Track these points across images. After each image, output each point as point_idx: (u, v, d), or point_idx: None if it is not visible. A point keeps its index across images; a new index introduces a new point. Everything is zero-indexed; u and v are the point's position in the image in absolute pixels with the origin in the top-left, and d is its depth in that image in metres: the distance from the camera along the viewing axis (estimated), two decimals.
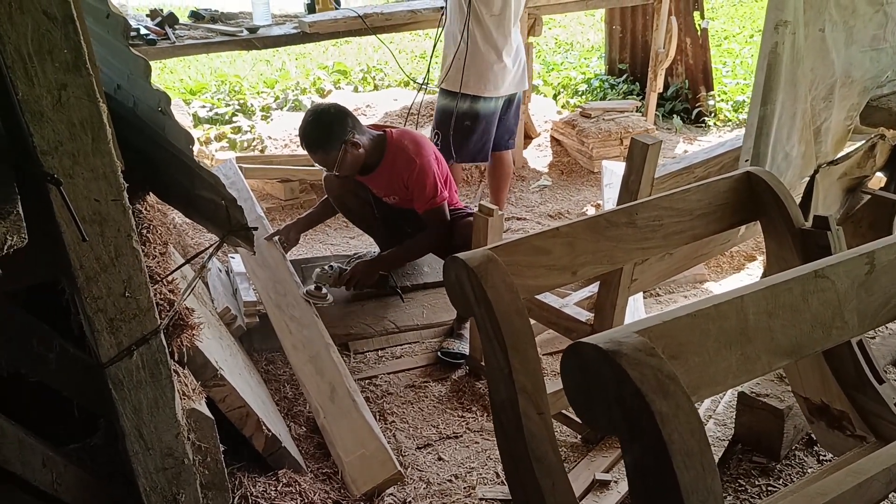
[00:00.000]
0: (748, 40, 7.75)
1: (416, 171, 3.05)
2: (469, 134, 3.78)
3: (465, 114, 3.74)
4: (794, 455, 2.49)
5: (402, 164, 3.07)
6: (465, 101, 3.72)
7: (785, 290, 1.32)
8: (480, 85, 3.69)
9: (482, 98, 3.73)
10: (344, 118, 2.99)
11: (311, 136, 2.97)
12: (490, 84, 3.71)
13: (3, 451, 1.62)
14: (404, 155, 3.07)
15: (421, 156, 3.06)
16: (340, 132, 2.95)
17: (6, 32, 1.31)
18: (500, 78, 3.72)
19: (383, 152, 3.10)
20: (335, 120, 2.97)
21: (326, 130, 2.95)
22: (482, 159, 3.93)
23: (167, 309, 1.84)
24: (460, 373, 3.03)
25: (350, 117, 3.02)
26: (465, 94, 3.70)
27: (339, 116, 3.00)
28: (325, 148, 2.96)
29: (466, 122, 3.75)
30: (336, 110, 3.02)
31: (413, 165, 3.05)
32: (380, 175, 3.14)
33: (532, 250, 1.70)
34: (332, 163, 3.00)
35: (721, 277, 3.72)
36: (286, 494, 2.28)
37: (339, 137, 2.95)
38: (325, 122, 2.96)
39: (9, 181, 1.41)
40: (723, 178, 2.00)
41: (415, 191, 3.09)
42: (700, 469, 1.01)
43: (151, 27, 3.94)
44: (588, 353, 1.13)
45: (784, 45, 2.33)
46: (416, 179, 3.06)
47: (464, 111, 3.74)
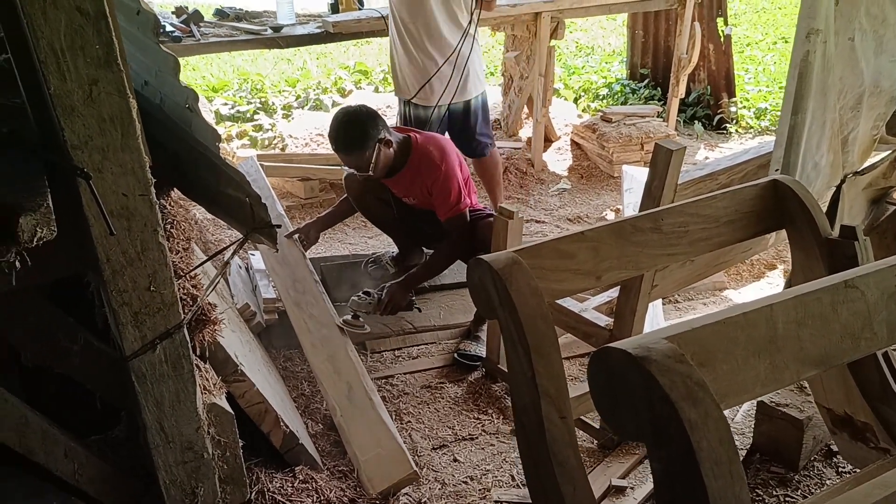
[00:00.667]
0: (771, 47, 7.70)
1: (441, 177, 3.04)
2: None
3: (414, 120, 3.72)
4: (812, 466, 2.47)
5: (426, 170, 3.05)
6: (411, 108, 3.73)
7: (814, 300, 1.30)
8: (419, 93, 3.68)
9: (421, 106, 3.72)
10: (376, 118, 2.99)
11: (347, 138, 2.94)
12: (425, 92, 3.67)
13: (27, 441, 1.64)
14: (428, 161, 3.05)
15: (445, 162, 3.05)
16: (374, 132, 2.94)
17: (40, 27, 1.33)
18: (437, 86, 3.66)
19: (407, 156, 3.08)
20: (369, 120, 2.96)
21: (362, 131, 2.93)
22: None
23: (190, 304, 1.85)
24: (476, 374, 3.03)
25: (381, 119, 3.01)
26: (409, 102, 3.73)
27: (372, 116, 2.99)
28: (362, 148, 2.93)
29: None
30: (367, 111, 3.01)
31: (437, 172, 3.03)
32: (402, 178, 3.13)
33: (556, 254, 1.69)
34: (367, 163, 2.96)
35: (741, 285, 3.69)
36: (302, 491, 2.28)
37: (373, 137, 2.93)
38: (360, 123, 2.94)
39: (39, 175, 1.43)
40: (749, 186, 1.98)
41: (438, 197, 3.07)
42: (729, 478, 1.00)
43: (177, 24, 3.97)
44: (616, 358, 1.12)
45: (815, 53, 2.31)
46: (441, 186, 3.04)
47: (412, 118, 3.74)
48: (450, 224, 3.10)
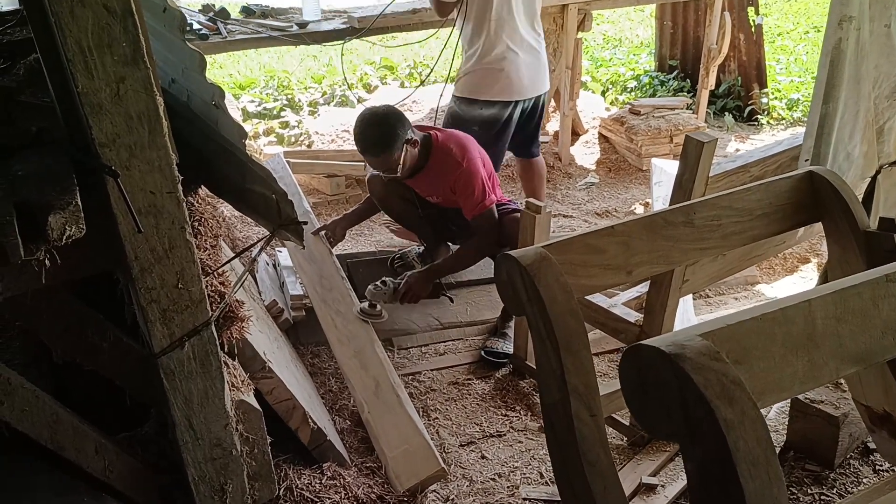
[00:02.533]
0: (803, 37, 7.56)
1: (464, 175, 2.99)
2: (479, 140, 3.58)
3: (474, 119, 3.60)
4: (848, 464, 2.42)
5: (448, 169, 3.02)
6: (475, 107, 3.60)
7: (854, 295, 1.26)
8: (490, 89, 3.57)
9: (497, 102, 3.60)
10: (402, 118, 2.95)
11: (376, 140, 2.90)
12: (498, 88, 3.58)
13: (59, 438, 1.65)
14: (450, 159, 3.01)
15: (467, 159, 3.00)
16: (402, 133, 2.90)
17: (67, 25, 1.33)
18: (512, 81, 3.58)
19: (428, 155, 3.05)
20: (396, 122, 2.92)
21: (391, 133, 2.89)
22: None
23: (218, 301, 1.86)
24: (504, 371, 3.01)
25: (406, 119, 2.97)
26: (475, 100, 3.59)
27: (398, 117, 2.95)
28: (390, 149, 2.89)
29: (475, 128, 3.58)
30: (393, 112, 2.98)
31: (459, 169, 2.99)
32: (425, 177, 3.10)
33: (586, 249, 1.67)
34: (395, 165, 2.93)
35: (774, 280, 3.63)
36: (330, 488, 2.29)
37: (401, 138, 2.90)
38: (387, 124, 2.90)
39: (67, 172, 1.43)
40: (784, 178, 1.93)
41: (462, 196, 3.03)
42: (766, 478, 0.98)
43: (203, 22, 3.99)
44: (649, 355, 1.09)
45: (848, 41, 2.25)
46: (463, 184, 3.00)
47: (472, 116, 3.60)
48: (477, 222, 3.05)
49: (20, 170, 1.45)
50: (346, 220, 3.44)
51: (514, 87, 3.58)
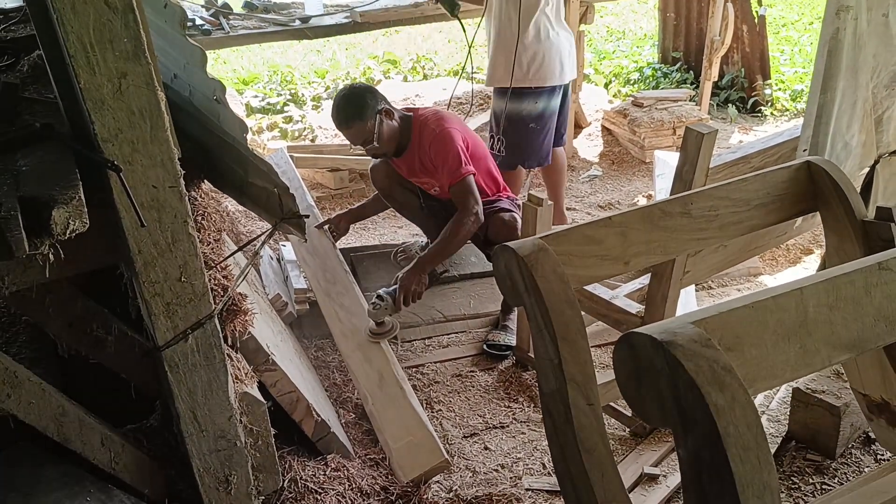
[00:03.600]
0: (807, 27, 7.53)
1: (437, 141, 3.01)
2: (536, 136, 3.64)
3: (530, 115, 3.58)
4: (850, 453, 2.42)
5: (427, 140, 3.05)
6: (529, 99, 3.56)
7: (847, 283, 1.27)
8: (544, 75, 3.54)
9: (546, 91, 3.57)
10: (374, 91, 3.03)
11: (347, 111, 2.97)
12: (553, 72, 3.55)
13: (65, 430, 1.68)
14: (427, 129, 3.05)
15: (441, 127, 3.03)
16: (374, 103, 2.97)
17: (69, 22, 1.34)
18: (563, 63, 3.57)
19: (411, 132, 3.10)
20: (367, 92, 3.01)
21: (361, 103, 2.96)
22: (546, 163, 3.77)
23: (221, 294, 1.88)
24: (507, 363, 3.03)
25: (378, 92, 3.05)
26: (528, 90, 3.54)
27: (370, 89, 3.04)
28: (363, 118, 2.95)
29: (532, 125, 3.59)
30: (364, 85, 3.08)
31: (434, 136, 3.03)
32: (411, 155, 3.13)
33: (583, 240, 1.68)
34: (371, 135, 2.98)
35: (776, 271, 3.63)
36: (334, 479, 2.30)
37: (372, 107, 2.96)
38: (358, 95, 2.98)
39: (71, 168, 1.45)
40: (781, 168, 1.94)
41: (439, 165, 3.04)
42: (756, 463, 0.99)
43: (206, 17, 4.01)
44: (641, 343, 1.11)
45: (846, 30, 2.25)
46: (437, 151, 3.02)
47: (528, 112, 3.57)
48: (455, 194, 3.00)
49: (24, 165, 1.47)
50: (351, 214, 3.46)
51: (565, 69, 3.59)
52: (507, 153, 3.65)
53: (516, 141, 3.63)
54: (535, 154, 3.70)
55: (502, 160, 3.66)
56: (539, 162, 3.74)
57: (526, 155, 3.69)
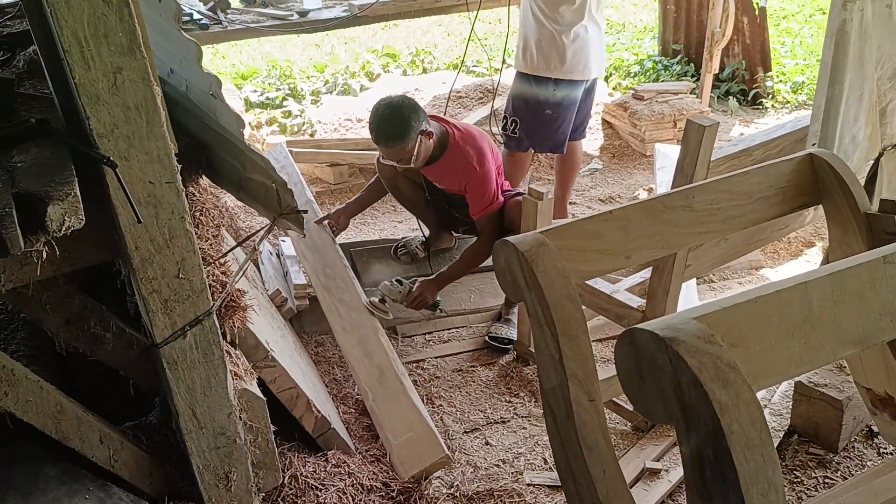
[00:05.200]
0: (808, 19, 7.50)
1: (477, 180, 3.00)
2: (550, 123, 3.61)
3: (547, 101, 3.55)
4: (853, 447, 2.41)
5: (463, 170, 3.01)
6: (548, 87, 3.53)
7: (852, 277, 1.26)
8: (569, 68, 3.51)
9: (566, 82, 3.54)
10: (418, 109, 2.93)
11: (390, 132, 2.88)
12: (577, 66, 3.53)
13: (63, 428, 1.67)
14: (466, 162, 3.00)
15: (482, 165, 3.00)
16: (416, 124, 2.89)
17: (63, 16, 1.33)
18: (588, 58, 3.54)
19: (444, 149, 3.04)
20: (411, 113, 2.90)
21: (404, 124, 2.87)
22: (560, 151, 3.74)
23: (220, 290, 1.87)
24: (508, 358, 3.02)
25: (421, 110, 2.95)
26: (548, 79, 3.51)
27: (414, 108, 2.93)
28: (405, 140, 2.87)
29: (547, 111, 3.56)
30: (409, 102, 2.95)
31: (474, 174, 3.00)
32: (438, 168, 3.09)
33: (584, 234, 1.66)
34: (409, 156, 2.92)
35: (778, 264, 3.62)
36: (335, 475, 2.30)
37: (415, 129, 2.88)
38: (402, 116, 2.88)
39: (66, 164, 1.44)
40: (784, 161, 1.92)
41: (473, 197, 3.05)
42: (761, 460, 0.98)
43: (204, 12, 3.99)
44: (643, 339, 1.09)
45: (853, 22, 2.23)
46: (475, 188, 3.02)
47: (545, 98, 3.54)
48: (482, 224, 3.08)
49: (19, 161, 1.46)
50: (350, 209, 3.44)
51: (591, 63, 3.56)
52: (518, 135, 3.63)
53: (530, 125, 3.62)
54: (548, 140, 3.68)
55: (513, 141, 3.66)
56: (551, 148, 3.73)
57: (537, 140, 3.67)
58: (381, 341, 2.77)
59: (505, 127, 3.69)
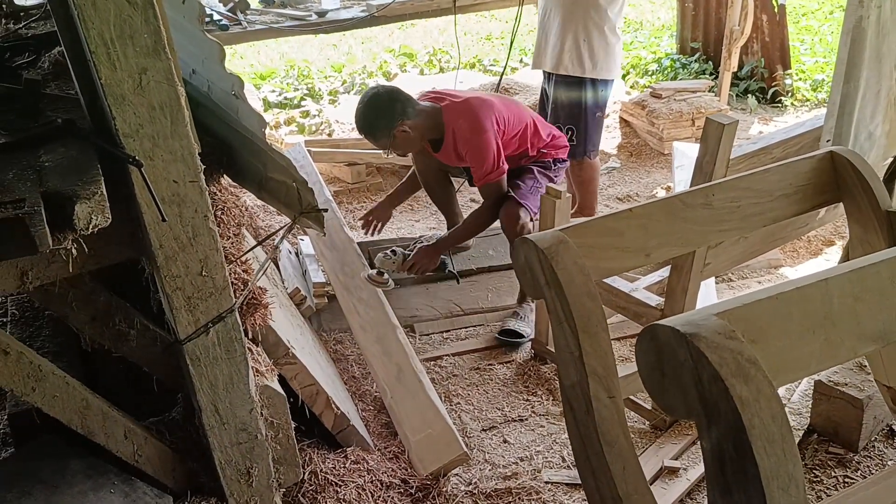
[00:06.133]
0: (827, 17, 7.43)
1: (472, 149, 3.03)
2: (600, 124, 3.63)
3: (596, 104, 3.56)
4: (873, 446, 2.40)
5: (460, 142, 3.05)
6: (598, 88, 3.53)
7: (873, 274, 1.26)
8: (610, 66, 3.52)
9: (610, 81, 3.56)
10: (393, 105, 2.95)
11: (360, 123, 3.02)
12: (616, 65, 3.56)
13: (89, 423, 1.69)
14: (459, 135, 3.03)
15: (477, 132, 2.99)
16: (389, 121, 2.94)
17: (90, 18, 1.35)
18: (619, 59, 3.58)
19: (444, 127, 3.06)
20: (387, 104, 2.95)
21: (376, 116, 2.95)
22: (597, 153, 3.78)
23: (241, 288, 1.89)
24: (525, 356, 3.02)
25: (400, 102, 2.97)
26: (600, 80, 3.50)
27: (392, 99, 2.97)
28: (375, 134, 2.99)
29: (598, 114, 3.57)
30: (387, 93, 3.00)
31: (468, 144, 3.02)
32: (447, 149, 3.13)
33: (604, 231, 1.67)
34: (386, 146, 3.06)
35: (797, 262, 3.59)
36: (354, 472, 2.31)
37: (387, 126, 2.94)
38: (377, 107, 2.96)
39: (93, 163, 1.46)
40: (804, 158, 1.92)
41: (472, 165, 3.09)
42: (781, 455, 0.98)
43: (224, 13, 4.03)
44: (665, 335, 1.10)
45: (869, 18, 2.22)
46: (473, 157, 3.04)
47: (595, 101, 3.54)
48: (483, 191, 3.15)
49: (47, 161, 1.48)
50: (389, 199, 3.54)
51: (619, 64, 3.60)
52: (577, 142, 3.61)
53: (586, 130, 3.61)
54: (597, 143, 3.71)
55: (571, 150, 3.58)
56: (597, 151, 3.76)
57: (592, 144, 3.68)
58: (400, 339, 2.78)
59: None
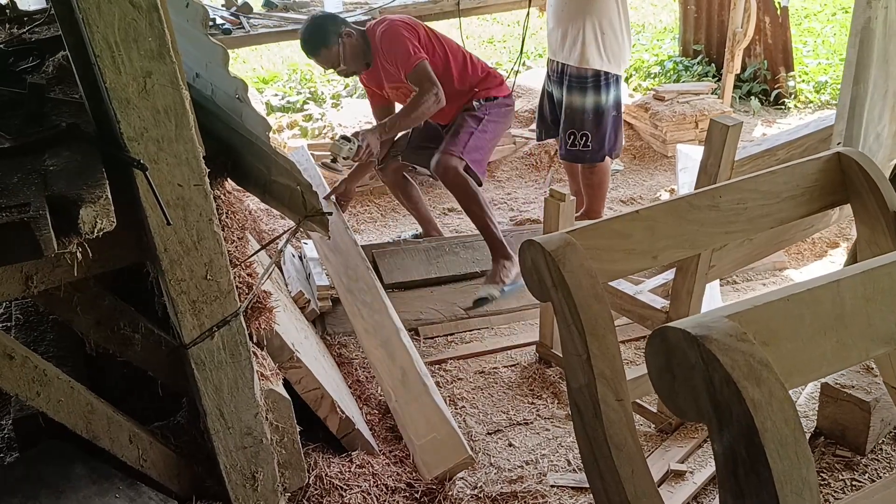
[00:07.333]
0: (830, 18, 7.42)
1: (385, 38, 3.23)
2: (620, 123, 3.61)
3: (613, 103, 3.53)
4: (880, 449, 2.38)
5: (379, 42, 3.26)
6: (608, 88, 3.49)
7: (884, 275, 1.25)
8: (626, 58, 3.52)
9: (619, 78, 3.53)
10: (335, 17, 3.35)
11: (313, 41, 3.23)
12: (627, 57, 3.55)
13: (93, 428, 1.69)
14: (377, 34, 3.27)
15: (388, 26, 3.25)
16: (335, 28, 3.22)
17: (94, 22, 1.35)
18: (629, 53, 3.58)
19: (370, 44, 3.31)
20: (327, 19, 3.31)
21: (323, 30, 3.22)
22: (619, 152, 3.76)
23: (246, 292, 1.88)
24: (530, 359, 3.01)
25: (338, 17, 3.34)
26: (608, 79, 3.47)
27: (331, 16, 3.37)
28: (328, 44, 3.20)
29: (614, 114, 3.54)
30: (324, 13, 3.40)
31: (382, 35, 3.24)
32: (375, 66, 3.34)
33: (611, 234, 1.66)
34: (337, 58, 3.23)
35: (802, 265, 3.58)
36: (359, 476, 2.31)
37: (335, 32, 3.21)
38: (320, 24, 3.26)
39: (97, 167, 1.46)
40: (811, 160, 1.91)
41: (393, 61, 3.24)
42: (794, 458, 0.97)
43: (226, 17, 4.03)
44: (675, 338, 1.09)
45: (877, 20, 2.21)
46: (389, 48, 3.23)
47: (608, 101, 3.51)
48: (412, 80, 3.22)
49: (52, 164, 1.48)
50: (353, 176, 3.63)
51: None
52: (593, 147, 3.57)
53: (602, 133, 3.56)
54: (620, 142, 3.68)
55: (588, 155, 3.59)
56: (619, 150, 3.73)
57: (612, 144, 3.63)
58: (404, 342, 2.78)
59: (574, 143, 3.58)
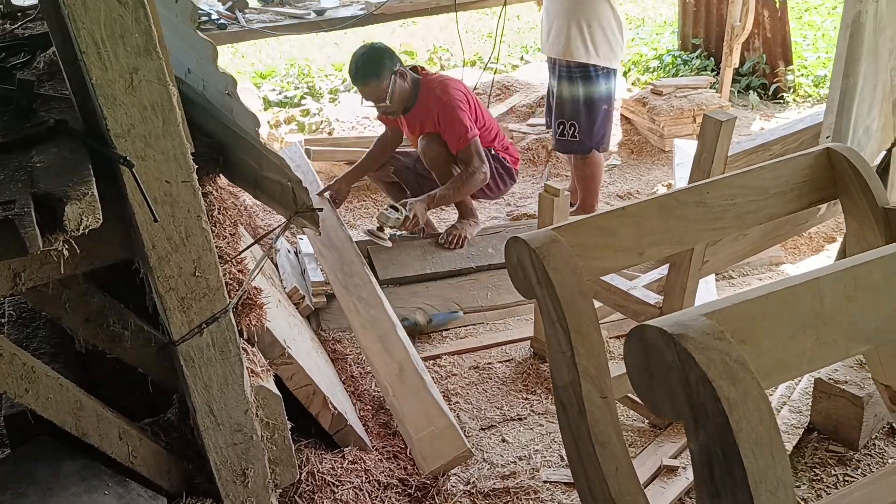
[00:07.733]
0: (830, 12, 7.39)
1: (446, 111, 3.27)
2: (609, 117, 3.64)
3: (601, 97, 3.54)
4: (873, 444, 2.39)
5: (433, 104, 3.30)
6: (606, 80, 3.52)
7: (865, 272, 1.25)
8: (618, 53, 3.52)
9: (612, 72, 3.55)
10: (392, 52, 3.29)
11: (366, 69, 3.21)
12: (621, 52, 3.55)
13: (83, 424, 1.69)
14: (433, 96, 3.30)
15: (449, 95, 3.28)
16: (390, 64, 3.22)
17: (80, 17, 1.35)
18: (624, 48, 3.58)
19: (419, 93, 3.33)
20: (386, 53, 3.26)
21: (379, 62, 3.21)
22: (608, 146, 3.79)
23: (236, 288, 1.88)
24: (525, 354, 3.01)
25: (395, 53, 3.30)
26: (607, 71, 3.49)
27: (388, 50, 3.32)
28: (378, 78, 3.20)
29: (605, 107, 3.56)
30: (383, 46, 3.31)
31: (442, 105, 3.28)
32: (415, 114, 3.37)
33: (597, 231, 1.66)
34: (384, 94, 3.22)
35: (799, 259, 3.58)
36: (352, 472, 2.31)
37: (389, 68, 3.20)
38: (378, 55, 3.23)
39: (84, 163, 1.46)
40: (800, 155, 1.91)
41: (447, 132, 3.29)
42: (770, 457, 0.97)
43: (222, 12, 4.03)
44: (652, 336, 1.09)
45: (867, 13, 2.21)
46: (447, 120, 3.27)
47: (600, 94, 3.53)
48: (461, 156, 3.32)
49: (39, 161, 1.48)
50: (349, 176, 3.65)
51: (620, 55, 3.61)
52: (580, 138, 3.60)
53: (590, 124, 3.58)
54: (608, 137, 3.71)
55: (576, 145, 3.63)
56: (607, 145, 3.76)
57: (600, 138, 3.66)
58: (400, 337, 2.78)
59: (563, 133, 3.62)
